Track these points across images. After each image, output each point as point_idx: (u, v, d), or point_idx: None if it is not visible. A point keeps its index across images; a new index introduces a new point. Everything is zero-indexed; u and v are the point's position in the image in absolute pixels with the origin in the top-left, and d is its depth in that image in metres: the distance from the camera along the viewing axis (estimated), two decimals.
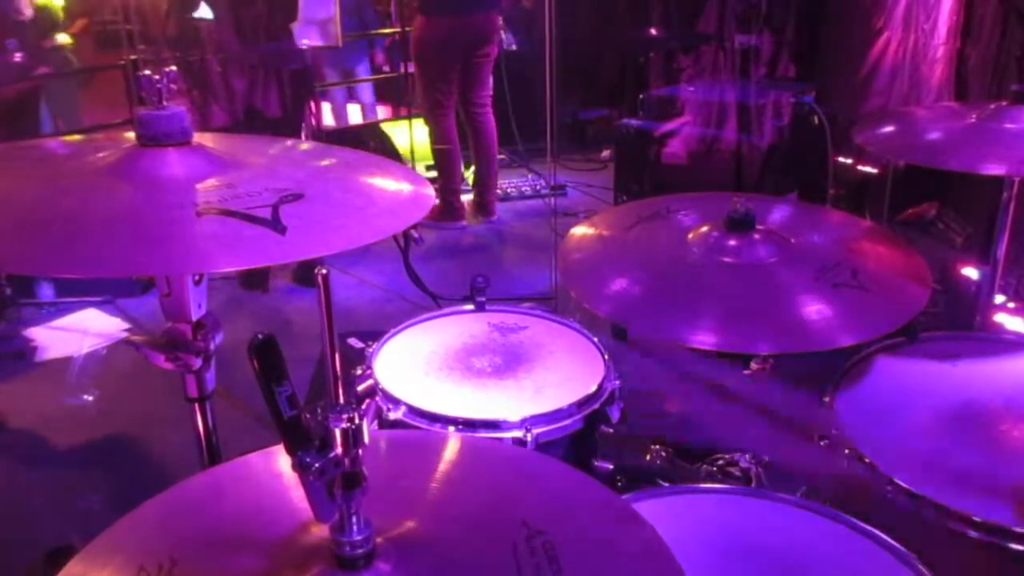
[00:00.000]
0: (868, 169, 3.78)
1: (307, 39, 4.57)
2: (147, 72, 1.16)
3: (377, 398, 1.51)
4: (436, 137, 4.65)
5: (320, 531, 0.81)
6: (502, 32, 4.93)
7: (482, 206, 4.86)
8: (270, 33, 3.58)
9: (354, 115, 6.49)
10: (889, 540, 1.15)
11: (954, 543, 1.15)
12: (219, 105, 3.48)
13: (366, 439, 0.77)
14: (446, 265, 4.15)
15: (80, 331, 3.61)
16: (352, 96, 6.53)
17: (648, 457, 1.86)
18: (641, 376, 2.83)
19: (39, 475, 2.71)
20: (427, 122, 4.70)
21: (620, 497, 1.02)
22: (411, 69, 6.02)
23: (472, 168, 4.98)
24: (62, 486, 2.63)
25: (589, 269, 1.56)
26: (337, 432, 0.75)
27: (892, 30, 3.81)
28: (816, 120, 3.71)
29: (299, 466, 0.74)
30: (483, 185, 4.84)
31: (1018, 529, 1.12)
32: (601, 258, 1.60)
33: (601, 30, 5.97)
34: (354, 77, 6.32)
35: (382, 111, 6.66)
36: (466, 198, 5.03)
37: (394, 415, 1.45)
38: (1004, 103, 1.75)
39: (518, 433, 1.39)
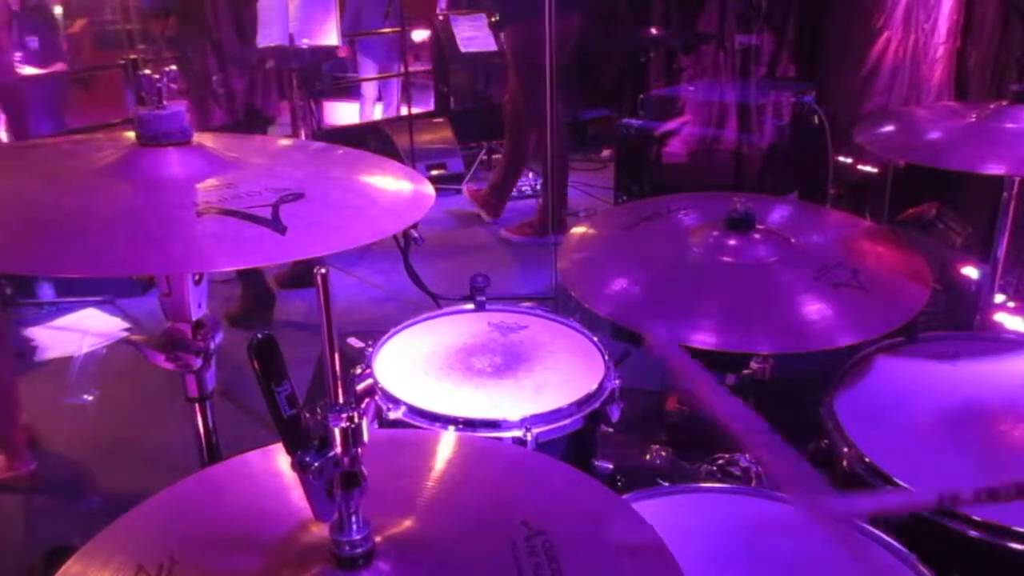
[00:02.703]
0: (868, 169, 3.78)
1: (307, 38, 4.56)
2: (147, 72, 1.16)
3: (377, 398, 1.51)
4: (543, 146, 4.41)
5: (319, 530, 0.81)
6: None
7: (495, 208, 4.83)
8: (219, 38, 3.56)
9: (378, 113, 6.54)
10: (889, 540, 1.15)
11: (954, 543, 1.15)
12: (219, 105, 3.48)
13: (365, 439, 0.77)
14: (446, 265, 4.15)
15: (80, 331, 3.61)
16: (379, 95, 6.59)
17: (648, 457, 1.86)
18: (641, 376, 2.83)
19: (39, 475, 2.70)
20: (538, 133, 4.45)
21: (620, 497, 1.02)
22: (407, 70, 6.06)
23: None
24: (62, 486, 2.63)
25: (589, 269, 1.56)
26: (336, 432, 0.75)
27: (892, 30, 3.81)
28: (816, 120, 3.71)
29: (298, 466, 0.74)
30: (507, 188, 4.81)
31: (1018, 529, 1.12)
32: (601, 258, 1.60)
33: (601, 30, 5.97)
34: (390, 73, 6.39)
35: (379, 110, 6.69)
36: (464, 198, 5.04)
37: (394, 415, 1.45)
38: (1004, 103, 1.75)
39: (518, 433, 1.39)
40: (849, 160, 3.80)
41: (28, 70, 4.62)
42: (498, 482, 0.97)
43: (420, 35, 6.61)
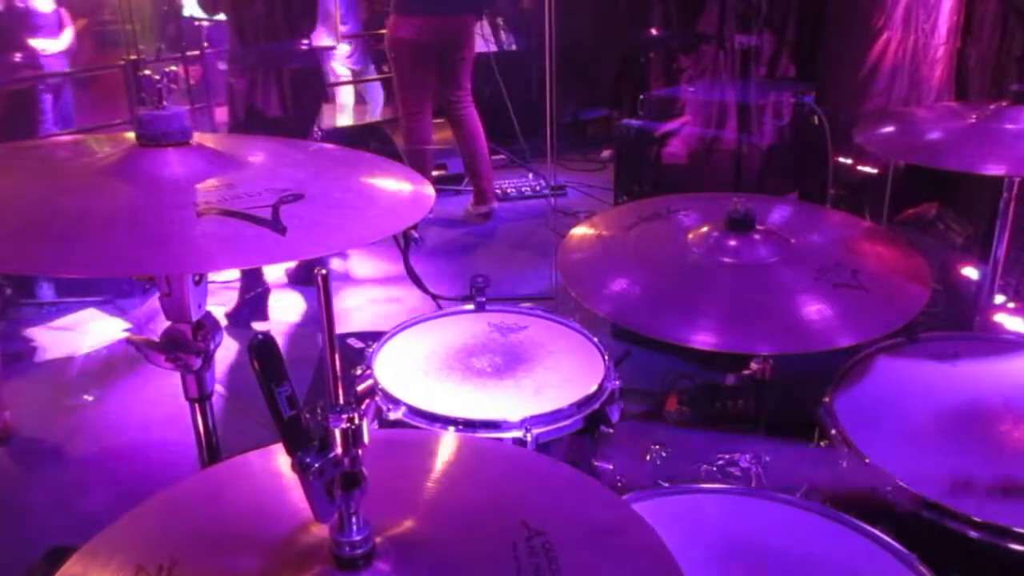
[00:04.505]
0: (868, 169, 3.77)
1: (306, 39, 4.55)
2: (147, 72, 1.16)
3: (377, 398, 1.51)
4: (408, 137, 4.69)
5: (319, 531, 0.81)
6: (502, 31, 4.93)
7: (480, 195, 4.87)
8: (270, 33, 3.58)
9: (360, 115, 6.51)
10: (889, 540, 1.15)
11: (954, 543, 1.15)
12: (219, 105, 3.48)
13: (366, 439, 0.77)
14: (446, 265, 4.15)
15: (80, 331, 3.61)
16: (360, 96, 6.55)
17: (648, 457, 1.86)
18: (641, 377, 2.83)
19: (39, 475, 2.70)
20: (401, 120, 4.73)
21: (620, 497, 1.02)
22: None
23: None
24: (62, 486, 2.63)
25: (589, 269, 1.56)
26: (337, 432, 0.75)
27: (892, 30, 3.80)
28: (816, 120, 3.70)
29: (299, 466, 0.74)
30: (476, 175, 4.87)
31: (1018, 529, 1.12)
32: (601, 258, 1.60)
33: (601, 30, 5.97)
34: (363, 77, 6.34)
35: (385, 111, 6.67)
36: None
37: (394, 415, 1.45)
38: (1004, 103, 1.75)
39: (518, 433, 1.39)
40: (849, 160, 3.80)
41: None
42: (498, 482, 0.97)
43: None
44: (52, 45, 4.53)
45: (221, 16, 3.71)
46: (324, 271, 1.02)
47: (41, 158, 1.28)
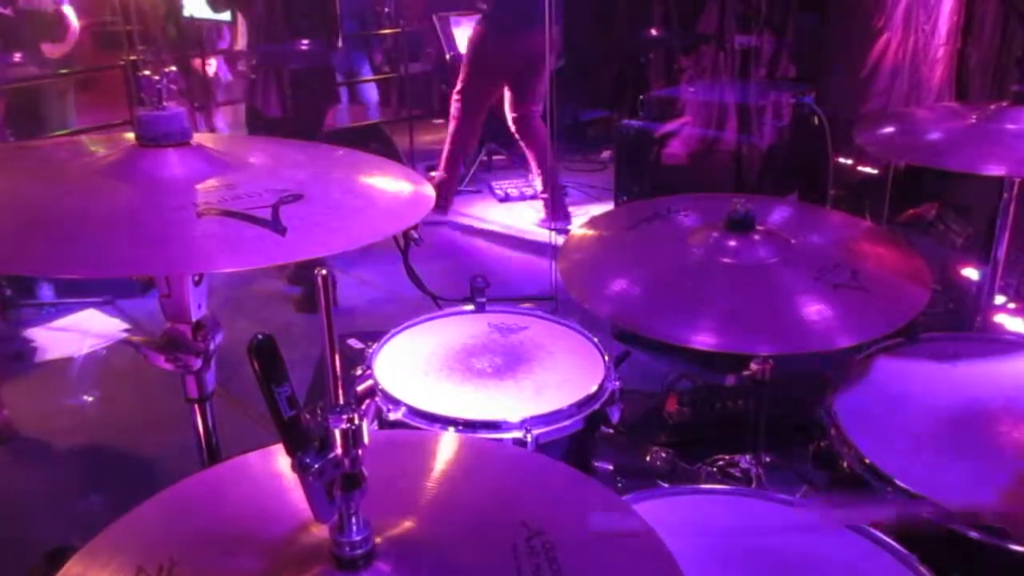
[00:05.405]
0: (868, 170, 3.78)
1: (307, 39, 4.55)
2: (147, 72, 1.16)
3: (377, 399, 1.51)
4: (455, 138, 4.69)
5: (319, 531, 0.81)
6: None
7: (559, 209, 4.74)
8: (270, 33, 3.57)
9: (356, 115, 6.50)
10: (889, 540, 1.15)
11: (954, 543, 1.15)
12: (219, 106, 3.49)
13: (366, 440, 0.77)
14: (446, 265, 4.14)
15: (80, 331, 3.61)
16: (354, 97, 6.55)
17: (648, 458, 1.86)
18: (641, 376, 2.83)
19: (39, 475, 2.70)
20: (455, 116, 4.71)
21: (620, 497, 1.02)
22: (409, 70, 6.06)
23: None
24: (62, 486, 2.63)
25: (589, 269, 1.56)
26: (337, 433, 0.75)
27: (892, 30, 3.80)
28: (816, 120, 3.70)
29: (299, 467, 0.74)
30: (555, 188, 4.75)
31: None
32: (601, 258, 1.60)
33: (601, 30, 5.97)
34: (356, 77, 6.33)
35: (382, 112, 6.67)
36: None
37: (394, 416, 1.45)
38: (1004, 103, 1.75)
39: (518, 434, 1.39)
40: (849, 161, 3.80)
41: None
42: (498, 483, 0.97)
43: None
44: (58, 47, 4.54)
45: (225, 16, 3.71)
46: (324, 271, 1.02)
47: (41, 158, 1.28)
